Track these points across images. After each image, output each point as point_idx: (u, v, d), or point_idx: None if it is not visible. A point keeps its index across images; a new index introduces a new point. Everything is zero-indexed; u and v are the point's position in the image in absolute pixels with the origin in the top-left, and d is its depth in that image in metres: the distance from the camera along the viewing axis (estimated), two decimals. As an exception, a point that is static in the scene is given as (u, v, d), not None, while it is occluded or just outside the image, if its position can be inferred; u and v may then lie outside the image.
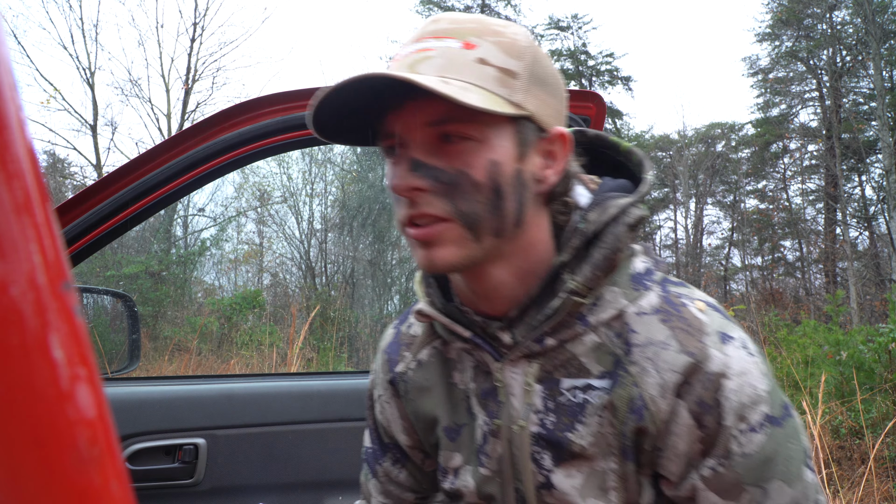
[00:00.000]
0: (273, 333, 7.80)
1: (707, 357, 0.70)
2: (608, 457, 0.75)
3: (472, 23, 0.68)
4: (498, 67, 0.67)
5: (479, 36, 0.67)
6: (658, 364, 0.71)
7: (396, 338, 0.95)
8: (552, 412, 0.76)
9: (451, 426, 0.86)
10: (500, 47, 0.67)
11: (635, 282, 0.75)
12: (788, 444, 0.72)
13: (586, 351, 0.74)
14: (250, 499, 1.54)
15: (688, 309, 0.74)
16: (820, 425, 3.04)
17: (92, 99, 14.25)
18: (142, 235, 12.18)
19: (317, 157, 13.26)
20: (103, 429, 0.20)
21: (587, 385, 0.74)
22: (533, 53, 0.70)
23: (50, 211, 0.21)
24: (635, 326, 0.73)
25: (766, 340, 6.86)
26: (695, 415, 0.71)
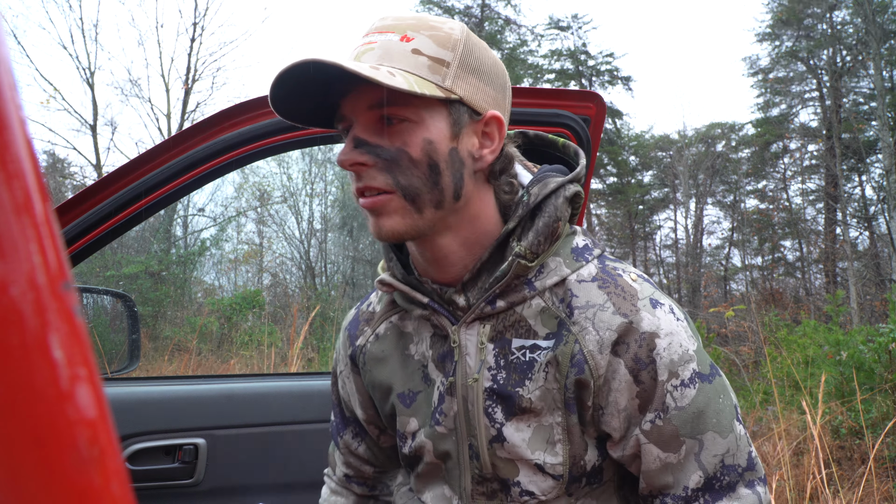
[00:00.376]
0: (273, 333, 7.80)
1: (640, 318, 0.79)
2: (554, 411, 0.82)
3: (413, 19, 0.76)
4: (430, 57, 0.74)
5: (416, 30, 0.75)
6: (596, 323, 0.80)
7: (356, 315, 1.03)
8: (503, 369, 0.83)
9: (406, 393, 0.93)
10: (433, 40, 0.75)
11: (576, 254, 0.84)
12: (718, 399, 0.81)
13: (533, 314, 0.83)
14: (250, 499, 1.54)
15: (622, 278, 0.83)
16: (820, 425, 3.04)
17: (92, 99, 14.26)
18: (142, 235, 12.18)
19: (317, 157, 13.26)
20: (103, 429, 0.20)
21: (534, 345, 0.82)
22: (466, 45, 0.77)
23: (50, 211, 0.21)
24: (576, 291, 0.82)
25: (766, 340, 6.86)
26: (632, 371, 0.79)
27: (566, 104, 1.40)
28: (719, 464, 0.79)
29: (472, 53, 0.77)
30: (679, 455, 0.80)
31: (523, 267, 0.80)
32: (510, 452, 0.83)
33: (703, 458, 0.79)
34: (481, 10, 19.20)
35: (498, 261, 0.83)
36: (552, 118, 1.38)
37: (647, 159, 20.97)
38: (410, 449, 0.93)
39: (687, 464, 0.80)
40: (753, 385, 6.17)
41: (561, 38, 20.01)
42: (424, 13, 0.82)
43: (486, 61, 0.79)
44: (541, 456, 0.83)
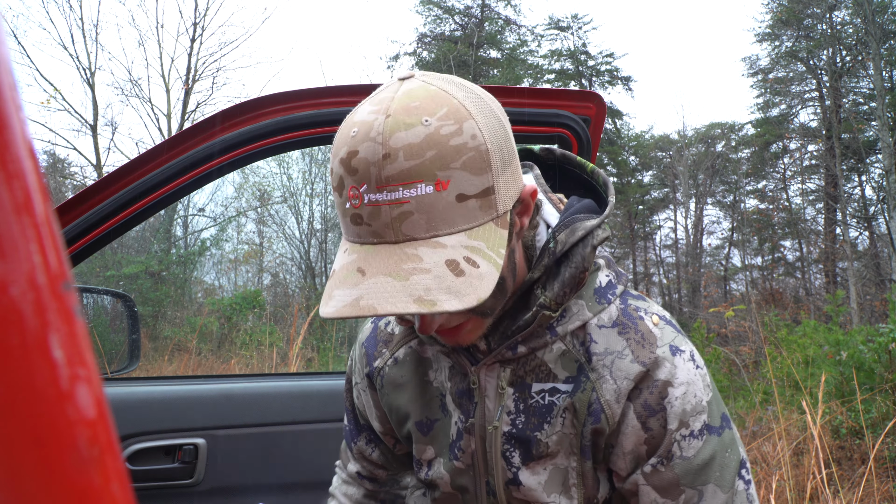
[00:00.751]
0: (273, 333, 7.80)
1: (657, 366, 0.78)
2: (570, 455, 0.82)
3: (430, 148, 0.63)
4: (476, 196, 0.65)
5: (445, 167, 0.63)
6: (614, 372, 0.79)
7: (374, 332, 1.00)
8: (522, 413, 0.82)
9: (424, 421, 0.92)
10: (469, 169, 0.64)
11: (598, 295, 0.82)
12: (725, 453, 0.79)
13: (554, 358, 0.81)
14: (250, 499, 1.54)
15: (644, 322, 0.81)
16: (820, 425, 3.04)
17: (92, 99, 14.26)
18: (142, 235, 12.18)
19: (317, 157, 13.25)
20: (103, 429, 0.20)
21: (553, 388, 0.81)
22: (491, 143, 0.66)
23: (50, 211, 0.21)
24: (596, 337, 0.80)
25: (766, 340, 6.86)
26: (640, 416, 0.78)
27: (566, 104, 1.39)
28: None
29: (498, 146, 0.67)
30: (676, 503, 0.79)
31: (547, 317, 0.78)
32: (526, 495, 0.84)
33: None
34: (481, 11, 19.20)
35: (521, 308, 0.81)
36: (552, 118, 1.38)
37: (647, 159, 20.98)
38: (427, 477, 0.93)
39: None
40: (753, 385, 6.17)
41: (561, 38, 20.03)
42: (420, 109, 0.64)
43: (502, 134, 0.69)
44: (556, 498, 0.83)
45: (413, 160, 0.62)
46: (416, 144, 0.63)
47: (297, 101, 1.34)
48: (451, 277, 0.62)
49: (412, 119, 0.63)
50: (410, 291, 0.61)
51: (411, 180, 0.63)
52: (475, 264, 0.64)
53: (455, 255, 0.64)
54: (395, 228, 0.64)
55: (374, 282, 0.63)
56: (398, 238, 0.64)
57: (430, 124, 0.63)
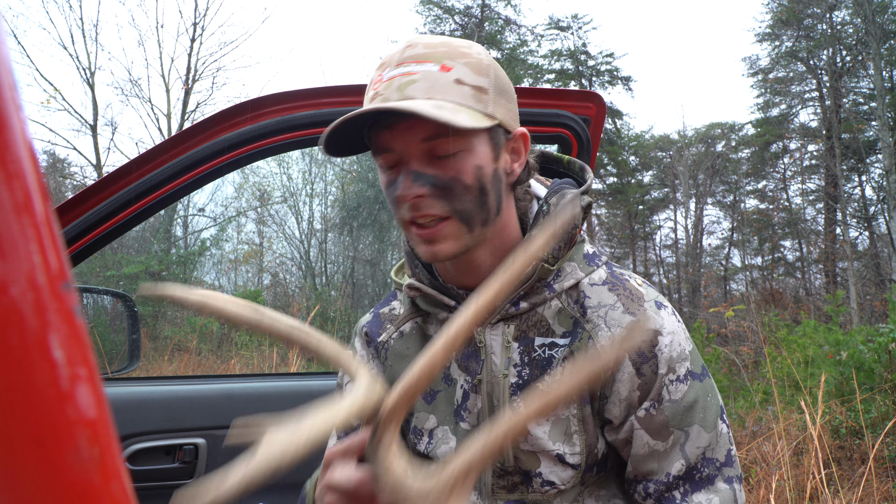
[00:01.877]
0: (273, 333, 7.77)
1: (646, 317, 0.87)
2: (569, 404, 0.88)
3: (443, 46, 0.80)
4: (472, 86, 0.79)
5: (452, 59, 0.79)
6: (608, 321, 0.88)
7: (377, 317, 1.07)
8: (527, 366, 0.89)
9: (427, 390, 0.97)
10: (470, 67, 0.79)
11: (588, 259, 0.93)
12: (707, 397, 0.88)
13: (552, 314, 0.90)
14: (250, 499, 1.54)
15: (630, 282, 0.92)
16: (820, 425, 3.04)
17: (92, 99, 14.26)
18: (142, 235, 12.18)
19: (317, 157, 13.26)
20: (103, 429, 0.20)
21: (553, 343, 0.89)
22: (495, 69, 0.83)
23: (50, 211, 0.21)
24: (589, 293, 0.90)
25: (766, 340, 6.86)
26: (635, 364, 0.86)
27: (566, 104, 1.39)
28: (700, 455, 0.87)
29: (499, 76, 0.83)
30: (666, 444, 0.86)
31: (546, 270, 0.87)
32: (533, 445, 0.88)
33: (688, 448, 0.86)
34: (481, 11, 19.20)
35: None
36: (552, 118, 1.38)
37: (647, 159, 20.97)
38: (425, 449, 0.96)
39: (672, 452, 0.87)
40: (753, 385, 6.17)
41: (561, 38, 20.02)
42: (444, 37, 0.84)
43: (507, 80, 0.85)
44: (560, 447, 0.88)
45: (428, 49, 0.80)
46: (433, 42, 0.81)
47: (297, 101, 1.34)
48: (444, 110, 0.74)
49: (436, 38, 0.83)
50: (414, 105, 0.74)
51: (422, 60, 0.79)
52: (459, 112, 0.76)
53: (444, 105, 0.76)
54: (400, 91, 0.77)
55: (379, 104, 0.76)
56: (401, 98, 0.77)
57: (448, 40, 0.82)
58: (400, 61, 0.79)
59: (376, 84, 0.80)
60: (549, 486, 0.89)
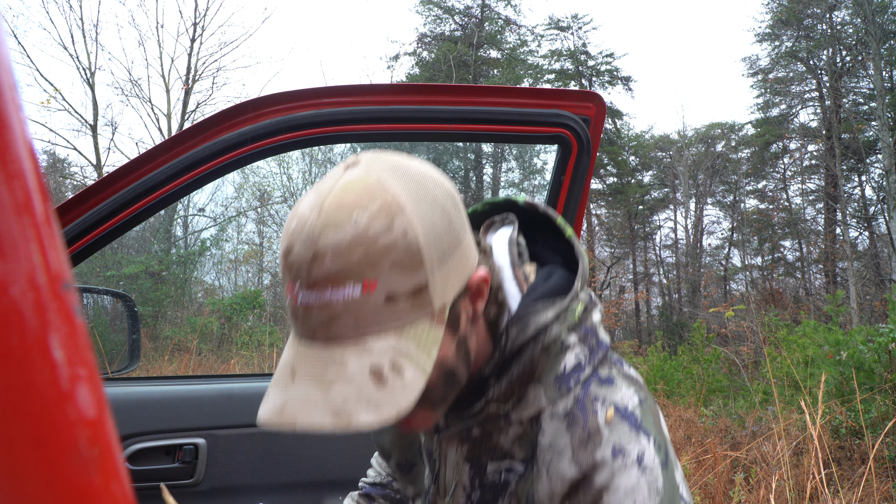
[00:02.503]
0: (273, 333, 7.81)
1: (594, 470, 0.72)
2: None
3: (358, 244, 0.61)
4: (408, 293, 0.64)
5: (374, 265, 0.61)
6: (550, 471, 0.74)
7: None
8: (478, 489, 0.81)
9: (403, 462, 0.96)
10: (399, 268, 0.63)
11: (559, 382, 0.76)
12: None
13: (510, 440, 0.79)
14: (250, 499, 1.54)
15: (596, 417, 0.74)
16: (820, 425, 3.04)
17: (92, 99, 14.27)
18: (142, 235, 12.18)
19: (317, 157, 13.27)
20: (103, 429, 0.20)
21: (509, 467, 0.79)
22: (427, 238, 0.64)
23: (50, 211, 0.21)
24: (546, 427, 0.76)
25: (765, 340, 6.86)
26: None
27: (566, 104, 1.39)
28: None
29: (433, 240, 0.65)
30: None
31: (496, 409, 0.77)
32: None
33: None
34: (481, 11, 19.21)
35: (475, 398, 0.79)
36: (552, 118, 1.38)
37: (646, 159, 20.99)
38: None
39: None
40: (753, 385, 6.18)
41: (561, 39, 20.03)
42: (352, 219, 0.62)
43: (440, 223, 0.66)
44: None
45: (340, 261, 0.61)
46: (343, 245, 0.61)
47: (297, 101, 1.34)
48: (372, 389, 0.62)
49: (342, 216, 0.62)
50: (330, 403, 0.61)
51: (339, 282, 0.62)
52: (400, 371, 0.63)
53: (381, 360, 0.63)
54: (325, 329, 0.64)
55: (300, 389, 0.64)
56: (328, 337, 0.64)
57: (358, 223, 0.62)
58: (311, 282, 0.63)
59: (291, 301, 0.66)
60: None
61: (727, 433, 4.85)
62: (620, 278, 20.42)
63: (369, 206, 0.63)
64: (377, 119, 1.37)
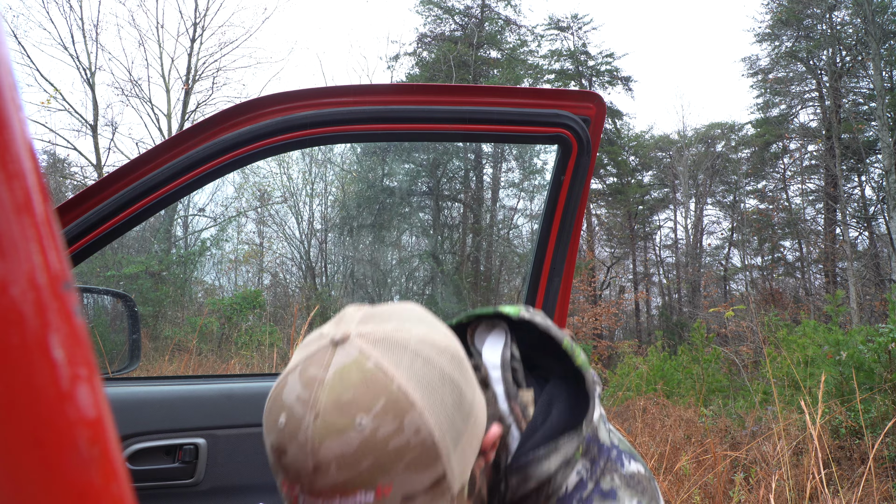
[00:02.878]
0: (273, 333, 7.81)
1: None
2: None
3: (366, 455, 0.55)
4: (426, 488, 0.58)
5: (386, 471, 0.56)
6: None
7: None
8: None
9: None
10: (414, 468, 0.57)
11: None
12: None
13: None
14: (250, 499, 1.54)
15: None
16: (820, 425, 3.04)
17: (92, 99, 14.27)
18: (142, 235, 12.19)
19: (317, 157, 13.28)
20: (103, 429, 0.20)
21: None
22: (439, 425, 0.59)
23: (50, 211, 0.21)
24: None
25: (765, 340, 6.87)
26: None
27: (566, 104, 1.39)
28: None
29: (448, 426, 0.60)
30: None
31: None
32: None
33: None
34: (481, 11, 19.21)
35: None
36: (552, 118, 1.38)
37: (646, 159, 20.99)
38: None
39: None
40: (753, 385, 6.18)
41: (561, 39, 20.04)
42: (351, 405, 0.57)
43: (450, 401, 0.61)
44: None
45: (347, 472, 0.55)
46: (349, 455, 0.55)
47: (297, 101, 1.34)
48: None
49: (344, 421, 0.55)
50: None
51: (348, 491, 0.56)
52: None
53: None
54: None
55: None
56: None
57: (364, 428, 0.55)
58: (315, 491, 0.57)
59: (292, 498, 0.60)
60: None
61: (727, 433, 4.85)
62: (620, 278, 20.43)
63: (373, 405, 0.56)
64: (377, 119, 1.37)
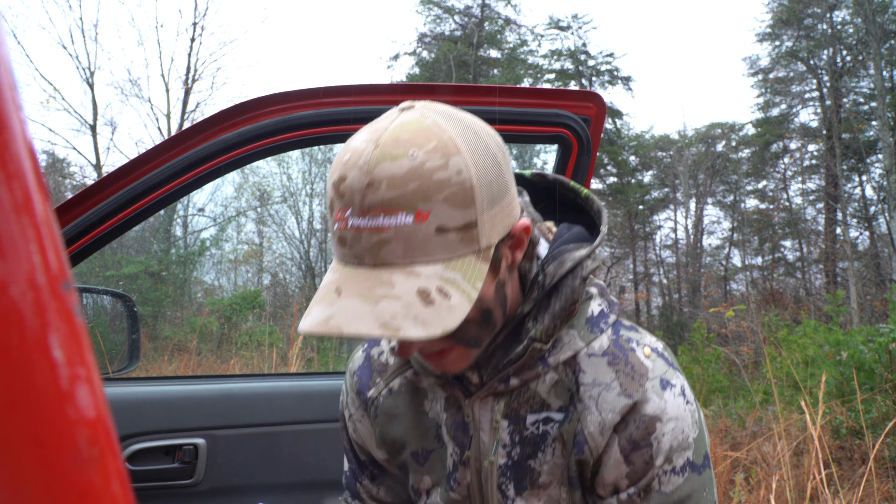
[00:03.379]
0: (273, 333, 7.80)
1: (645, 400, 0.78)
2: (561, 485, 0.82)
3: (413, 179, 0.64)
4: (458, 228, 0.66)
5: (427, 198, 0.64)
6: (600, 404, 0.79)
7: (367, 362, 0.98)
8: (518, 444, 0.82)
9: (420, 451, 0.91)
10: (451, 203, 0.65)
11: (590, 325, 0.81)
12: (703, 493, 0.79)
13: (546, 388, 0.81)
14: (250, 499, 1.54)
15: (635, 354, 0.81)
16: (820, 425, 3.04)
17: (92, 99, 14.27)
18: (142, 235, 12.18)
19: (317, 157, 13.26)
20: (103, 429, 0.20)
21: (547, 418, 0.81)
22: (479, 179, 0.66)
23: (50, 211, 0.21)
24: (584, 366, 0.80)
25: (766, 340, 6.86)
26: (623, 450, 0.78)
27: (566, 104, 1.39)
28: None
29: (485, 183, 0.67)
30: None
31: (538, 350, 0.78)
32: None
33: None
34: (481, 11, 19.20)
35: (513, 340, 0.80)
36: (552, 118, 1.38)
37: (647, 159, 20.97)
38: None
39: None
40: (753, 385, 6.18)
41: (561, 38, 20.01)
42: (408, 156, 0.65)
43: (492, 170, 0.69)
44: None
45: (395, 190, 0.64)
46: (399, 176, 0.64)
47: (297, 101, 1.34)
48: (420, 306, 0.63)
49: (399, 151, 0.65)
50: (377, 316, 0.63)
51: (392, 209, 0.64)
52: (447, 295, 0.65)
53: (428, 285, 0.65)
54: (374, 253, 0.65)
55: (347, 303, 0.65)
56: (375, 263, 0.66)
57: (415, 157, 0.64)
58: (364, 208, 0.65)
59: (341, 224, 0.67)
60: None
61: (727, 433, 4.85)
62: (620, 278, 20.43)
63: (425, 144, 0.65)
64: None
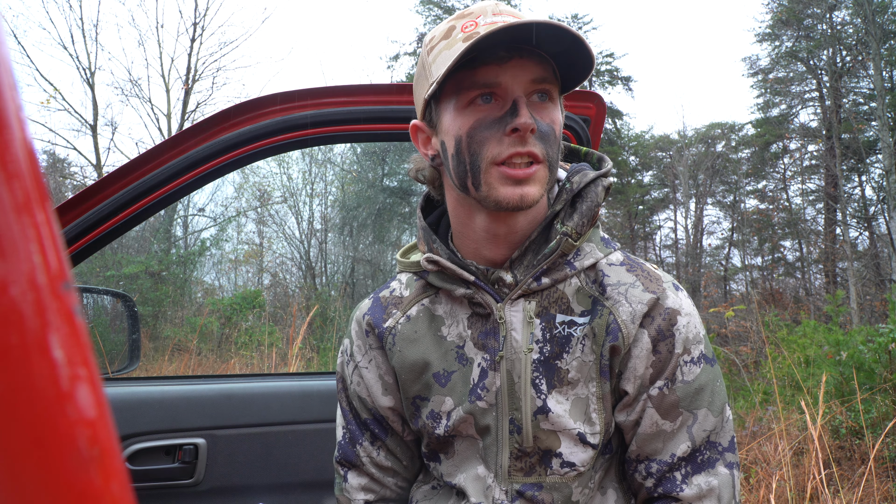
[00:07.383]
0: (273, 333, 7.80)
1: (665, 296, 0.90)
2: (589, 382, 0.89)
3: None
4: None
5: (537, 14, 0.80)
6: (629, 297, 0.89)
7: (377, 303, 1.04)
8: (548, 342, 0.90)
9: (441, 372, 0.95)
10: None
11: (605, 242, 0.94)
12: (716, 383, 0.90)
13: (572, 292, 0.91)
14: (250, 499, 1.54)
15: (646, 265, 0.95)
16: (820, 425, 3.04)
17: (92, 99, 14.25)
18: (142, 235, 12.18)
19: (317, 157, 13.26)
20: (103, 429, 0.20)
21: (572, 321, 0.90)
22: None
23: (50, 211, 0.21)
24: (607, 272, 0.92)
25: (766, 340, 6.86)
26: (653, 340, 0.88)
27: (566, 104, 1.39)
28: (705, 439, 0.89)
29: None
30: (674, 424, 0.88)
31: (569, 245, 0.88)
32: (554, 423, 0.88)
33: (694, 430, 0.88)
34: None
35: (543, 240, 0.90)
36: (552, 118, 1.38)
37: (647, 159, 20.97)
38: (447, 428, 0.94)
39: (679, 433, 0.88)
40: (753, 385, 6.17)
41: (561, 38, 19.97)
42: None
43: None
44: (581, 426, 0.89)
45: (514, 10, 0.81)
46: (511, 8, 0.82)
47: (297, 101, 1.34)
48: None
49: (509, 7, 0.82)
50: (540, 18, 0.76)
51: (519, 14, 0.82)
52: None
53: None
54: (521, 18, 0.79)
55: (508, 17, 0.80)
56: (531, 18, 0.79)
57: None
58: (497, 11, 0.81)
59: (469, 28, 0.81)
60: (569, 468, 0.88)
61: (727, 433, 4.84)
62: (620, 278, 20.37)
63: None
64: (377, 119, 1.37)
